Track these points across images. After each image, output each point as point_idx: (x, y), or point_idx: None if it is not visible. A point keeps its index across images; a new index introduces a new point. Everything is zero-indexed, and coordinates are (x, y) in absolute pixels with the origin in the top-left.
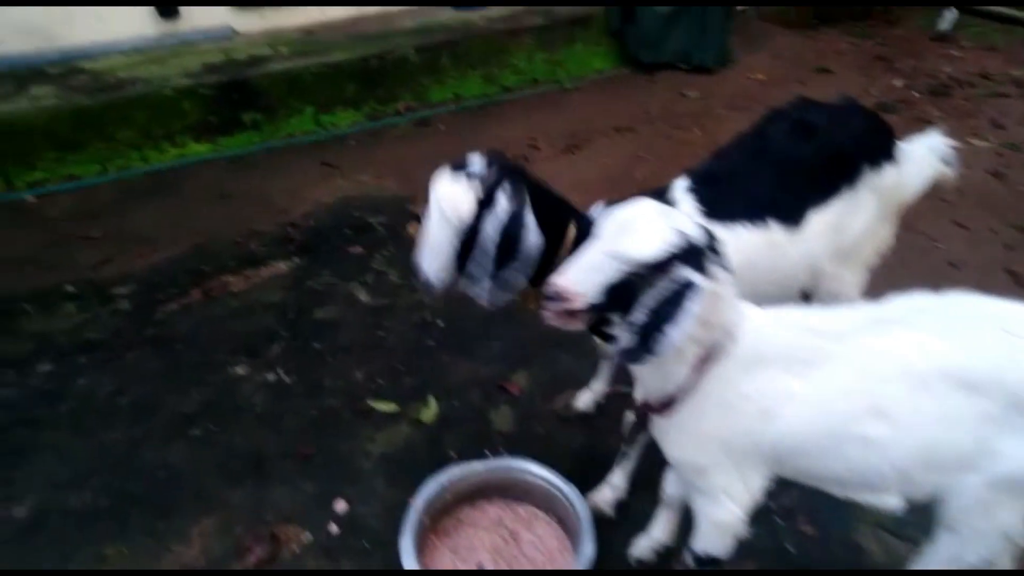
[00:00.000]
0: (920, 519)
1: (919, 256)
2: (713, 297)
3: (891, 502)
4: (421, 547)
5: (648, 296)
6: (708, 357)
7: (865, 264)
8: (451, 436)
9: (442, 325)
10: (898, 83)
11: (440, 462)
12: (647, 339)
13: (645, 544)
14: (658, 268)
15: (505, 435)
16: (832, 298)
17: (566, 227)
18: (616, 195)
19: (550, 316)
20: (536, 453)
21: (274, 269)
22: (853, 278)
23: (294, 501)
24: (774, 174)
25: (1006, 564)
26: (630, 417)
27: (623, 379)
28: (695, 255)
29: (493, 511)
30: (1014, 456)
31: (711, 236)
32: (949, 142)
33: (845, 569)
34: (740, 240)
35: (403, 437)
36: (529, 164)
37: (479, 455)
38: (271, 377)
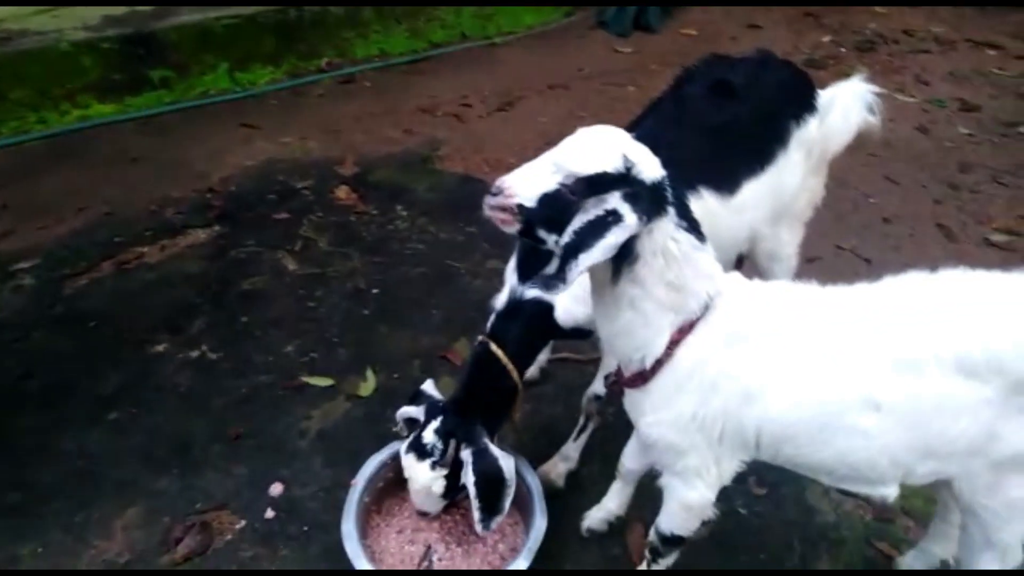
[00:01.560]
0: None
1: (853, 211)
2: (671, 257)
3: (887, 492)
4: (364, 529)
5: (578, 218)
6: (684, 327)
7: (801, 220)
8: (392, 410)
9: (377, 293)
10: (825, 39)
11: (381, 438)
12: (563, 263)
13: (597, 515)
14: (590, 187)
15: None
16: (770, 258)
17: (515, 390)
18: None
19: (489, 209)
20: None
21: (193, 238)
22: (790, 236)
23: (226, 486)
24: (701, 140)
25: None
26: (592, 390)
27: (567, 345)
28: (639, 192)
29: None
30: (1015, 437)
31: (675, 191)
32: (871, 88)
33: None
34: None
35: (341, 413)
36: (462, 123)
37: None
38: (195, 354)
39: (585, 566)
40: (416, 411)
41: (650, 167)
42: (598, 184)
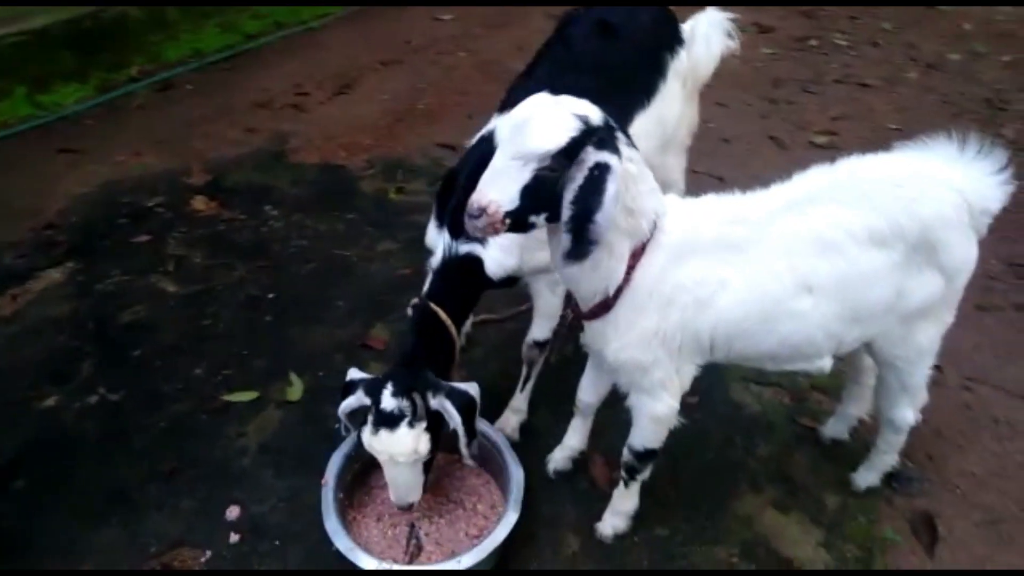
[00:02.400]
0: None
1: (697, 137)
2: (630, 179)
3: (823, 364)
4: (346, 526)
5: (568, 190)
6: (637, 250)
7: (683, 147)
8: (328, 407)
9: (274, 297)
10: None
11: (327, 437)
12: (581, 234)
13: (561, 455)
14: (567, 157)
15: None
16: (662, 186)
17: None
18: (406, 129)
19: (476, 231)
20: None
21: (47, 280)
22: (677, 162)
23: (176, 523)
24: (593, 79)
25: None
26: (530, 338)
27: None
28: (602, 136)
29: None
30: (919, 290)
31: (608, 118)
32: (727, 15)
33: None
34: None
35: (276, 422)
36: (305, 113)
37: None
38: (93, 399)
39: (558, 505)
40: (357, 399)
41: (591, 110)
42: (572, 150)
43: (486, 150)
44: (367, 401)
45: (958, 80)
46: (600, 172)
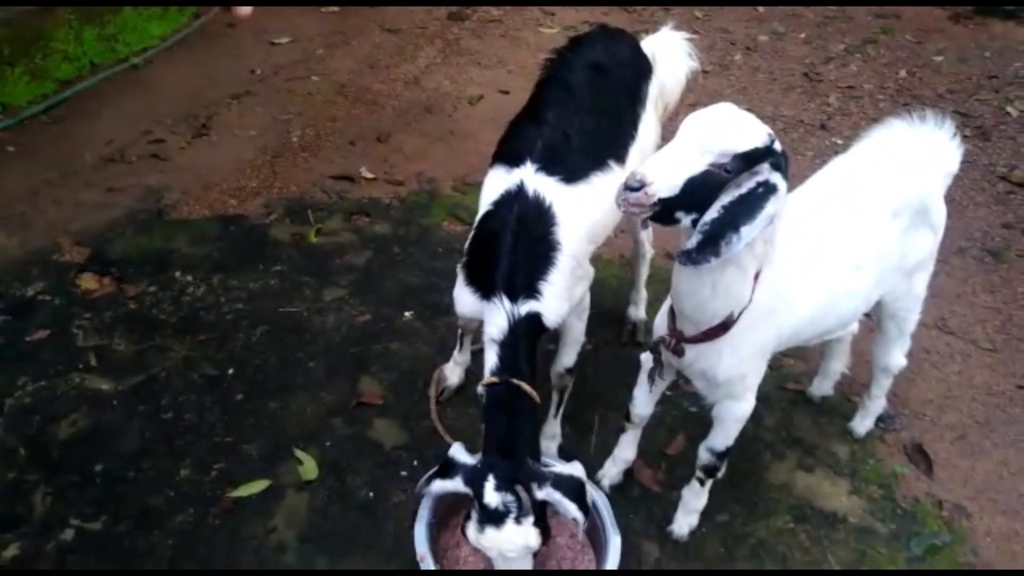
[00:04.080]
0: None
1: None
2: (778, 215)
3: (855, 327)
4: None
5: (727, 193)
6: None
7: None
8: (353, 478)
9: (234, 372)
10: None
11: (364, 507)
12: (715, 238)
13: (615, 470)
14: (746, 162)
15: (404, 447)
16: None
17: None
18: (289, 166)
19: (626, 204)
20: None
21: None
22: None
23: None
24: (598, 121)
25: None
26: (561, 366)
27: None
28: (780, 161)
29: None
30: (918, 247)
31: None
32: (683, 35)
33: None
34: (600, 190)
35: (304, 506)
36: (167, 162)
37: (394, 482)
38: (68, 535)
39: (621, 517)
40: (454, 485)
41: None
42: (753, 158)
43: (524, 207)
44: (465, 490)
45: (775, 58)
46: (767, 190)
